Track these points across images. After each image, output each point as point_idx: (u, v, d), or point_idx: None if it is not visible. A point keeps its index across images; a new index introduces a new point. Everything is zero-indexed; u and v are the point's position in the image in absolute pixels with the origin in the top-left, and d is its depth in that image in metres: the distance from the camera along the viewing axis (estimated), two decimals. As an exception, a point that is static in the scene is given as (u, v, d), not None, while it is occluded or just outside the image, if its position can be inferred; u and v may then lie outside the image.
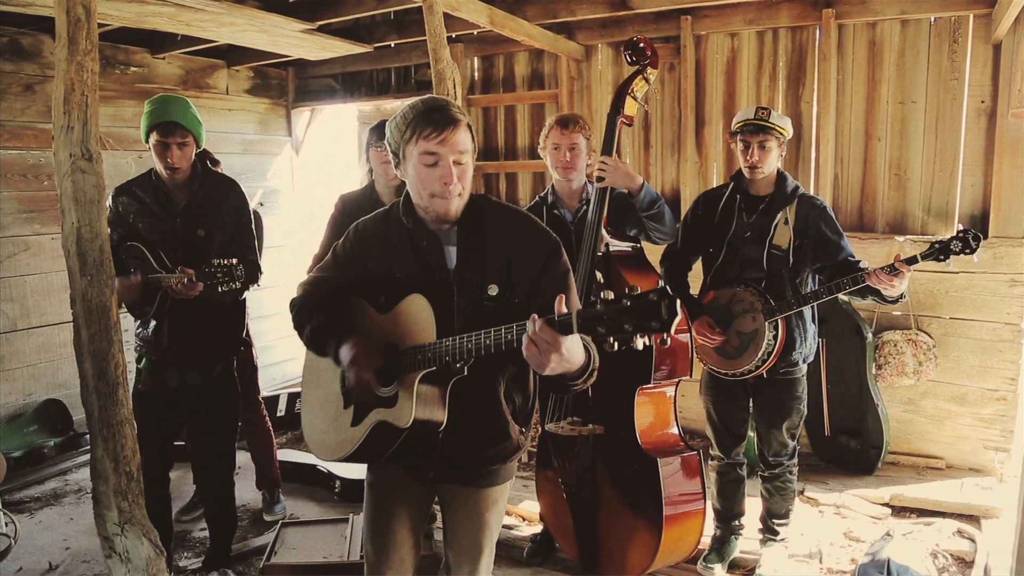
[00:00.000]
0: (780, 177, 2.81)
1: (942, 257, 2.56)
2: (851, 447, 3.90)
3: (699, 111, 4.42)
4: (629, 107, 2.75)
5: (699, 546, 2.87)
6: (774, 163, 2.77)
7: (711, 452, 3.05)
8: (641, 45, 2.72)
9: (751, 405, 2.93)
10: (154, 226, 2.73)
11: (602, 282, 2.74)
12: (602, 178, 2.67)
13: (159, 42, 4.74)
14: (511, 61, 5.05)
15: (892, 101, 3.95)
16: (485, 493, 1.89)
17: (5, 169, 4.18)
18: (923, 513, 3.42)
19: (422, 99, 1.71)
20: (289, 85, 5.83)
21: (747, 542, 3.08)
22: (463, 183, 1.70)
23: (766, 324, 2.70)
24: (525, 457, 3.76)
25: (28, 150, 4.27)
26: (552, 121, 2.80)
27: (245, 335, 3.07)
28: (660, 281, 2.76)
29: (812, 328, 2.84)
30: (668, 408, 2.80)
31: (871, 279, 2.53)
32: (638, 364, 2.64)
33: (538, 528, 3.24)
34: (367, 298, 1.84)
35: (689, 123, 4.41)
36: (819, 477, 3.83)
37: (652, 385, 2.69)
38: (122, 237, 2.71)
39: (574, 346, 1.46)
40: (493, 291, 1.72)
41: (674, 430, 2.81)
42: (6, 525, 3.35)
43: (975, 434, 3.82)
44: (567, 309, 1.39)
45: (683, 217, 3.07)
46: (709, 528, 2.95)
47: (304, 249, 3.01)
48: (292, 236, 5.75)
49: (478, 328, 1.59)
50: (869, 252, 3.76)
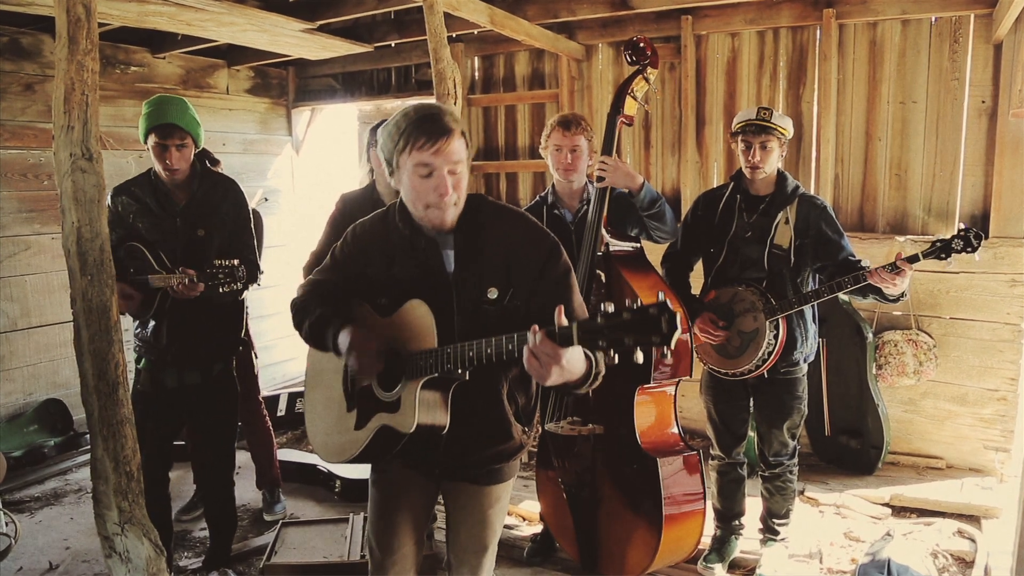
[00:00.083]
0: (780, 177, 2.81)
1: (944, 256, 2.55)
2: (851, 447, 3.90)
3: (700, 111, 4.42)
4: (629, 107, 2.75)
5: (699, 546, 2.87)
6: (775, 163, 2.77)
7: (711, 452, 3.05)
8: (641, 45, 2.72)
9: (751, 405, 2.93)
10: (154, 226, 2.73)
11: (603, 281, 2.74)
12: (602, 178, 2.67)
13: (159, 42, 4.74)
14: (511, 61, 5.05)
15: (893, 101, 3.95)
16: (488, 490, 1.89)
17: (5, 169, 4.18)
18: (923, 513, 3.42)
19: (414, 107, 1.68)
20: (289, 85, 5.83)
21: (747, 542, 3.08)
22: (458, 192, 1.68)
23: (767, 323, 2.70)
24: (525, 457, 3.76)
25: (28, 150, 4.27)
26: (554, 122, 2.80)
27: (244, 335, 3.06)
28: (660, 292, 2.76)
29: (813, 328, 2.84)
30: (668, 408, 2.80)
31: (873, 278, 2.53)
32: (638, 364, 2.63)
33: (538, 528, 3.24)
34: (367, 300, 1.84)
35: (690, 123, 4.41)
36: (819, 477, 3.83)
37: (652, 385, 2.69)
38: (121, 237, 2.71)
39: (575, 357, 1.46)
40: (493, 294, 1.72)
41: (674, 430, 2.81)
42: (6, 525, 3.35)
43: (975, 434, 3.82)
44: (567, 321, 1.39)
45: (683, 217, 3.07)
46: (709, 528, 2.94)
47: (304, 249, 3.01)
48: (292, 236, 5.75)
49: (479, 331, 1.58)
50: (870, 252, 3.76)
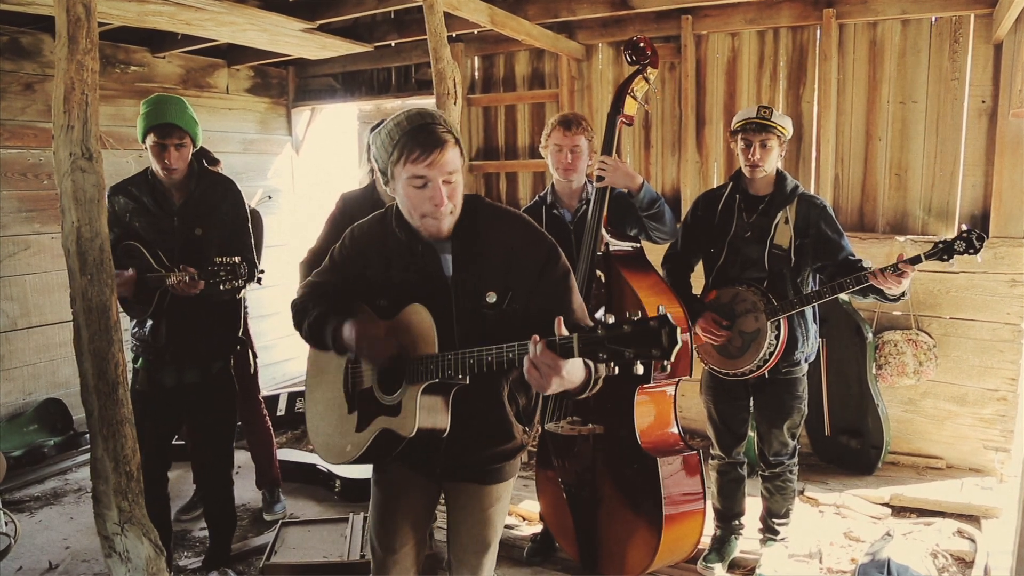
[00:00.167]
0: (779, 177, 2.81)
1: (946, 257, 2.55)
2: (851, 447, 3.90)
3: (700, 111, 4.42)
4: (629, 107, 2.75)
5: (699, 546, 2.87)
6: (775, 162, 2.77)
7: (711, 451, 3.05)
8: (641, 45, 2.72)
9: (751, 404, 2.93)
10: (151, 225, 2.72)
11: (603, 281, 2.74)
12: (602, 177, 2.67)
13: (159, 41, 4.74)
14: (512, 60, 5.05)
15: (893, 101, 3.95)
16: (489, 490, 1.89)
17: (5, 168, 4.17)
18: (923, 513, 3.42)
19: (407, 115, 1.64)
20: (289, 84, 5.83)
21: (747, 542, 3.08)
22: (454, 201, 1.67)
23: (768, 324, 2.69)
24: (526, 456, 3.76)
25: (28, 149, 4.27)
26: (554, 121, 2.80)
27: (241, 334, 3.05)
28: (660, 303, 2.73)
29: (814, 327, 2.84)
30: (668, 407, 2.80)
31: (875, 280, 2.52)
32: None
33: (538, 528, 3.24)
34: (366, 302, 1.83)
35: (690, 123, 4.41)
36: (819, 477, 3.83)
37: (652, 385, 2.69)
38: (118, 236, 2.70)
39: (575, 367, 1.46)
40: (491, 298, 1.71)
41: (674, 429, 2.80)
42: (6, 524, 3.35)
43: (975, 434, 3.82)
44: (568, 331, 1.39)
45: (683, 218, 3.06)
46: (709, 528, 2.94)
47: (304, 249, 3.01)
48: (292, 236, 5.75)
49: (479, 334, 1.59)
50: (870, 252, 3.76)
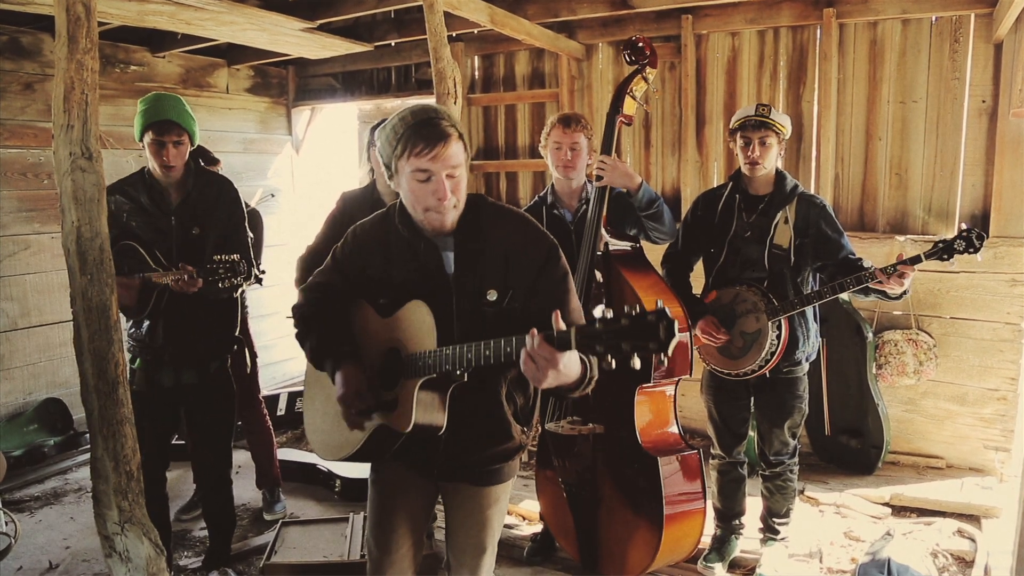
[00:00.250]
0: (779, 176, 2.81)
1: (946, 256, 2.55)
2: (851, 447, 3.90)
3: (700, 110, 4.42)
4: (628, 106, 2.75)
5: (699, 545, 2.87)
6: (774, 160, 2.77)
7: (712, 451, 3.05)
8: (640, 45, 2.72)
9: (752, 404, 2.93)
10: (148, 224, 2.71)
11: (602, 281, 2.74)
12: (601, 177, 2.67)
13: (159, 41, 4.74)
14: (512, 60, 5.04)
15: (893, 100, 3.95)
16: (487, 491, 1.89)
17: (5, 168, 4.17)
18: (923, 513, 3.42)
19: (411, 110, 1.66)
20: (289, 84, 5.83)
21: (747, 541, 3.08)
22: (457, 195, 1.68)
23: (769, 324, 2.69)
24: (525, 456, 3.77)
25: (28, 149, 4.27)
26: (554, 120, 2.80)
27: (240, 333, 3.04)
28: (660, 299, 2.75)
29: (814, 327, 2.84)
30: (668, 407, 2.80)
31: (875, 283, 2.52)
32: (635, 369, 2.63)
33: (538, 527, 3.24)
34: (368, 300, 1.83)
35: (690, 122, 4.41)
36: (819, 477, 3.83)
37: (652, 384, 2.68)
38: (115, 236, 2.68)
39: (571, 361, 1.46)
40: (492, 296, 1.72)
41: (674, 429, 2.80)
42: (6, 524, 3.35)
43: (975, 434, 3.82)
44: (564, 325, 1.40)
45: (683, 218, 3.06)
46: (709, 527, 2.94)
47: (303, 248, 3.00)
48: (292, 236, 5.75)
49: (478, 332, 1.59)
50: (870, 252, 3.76)
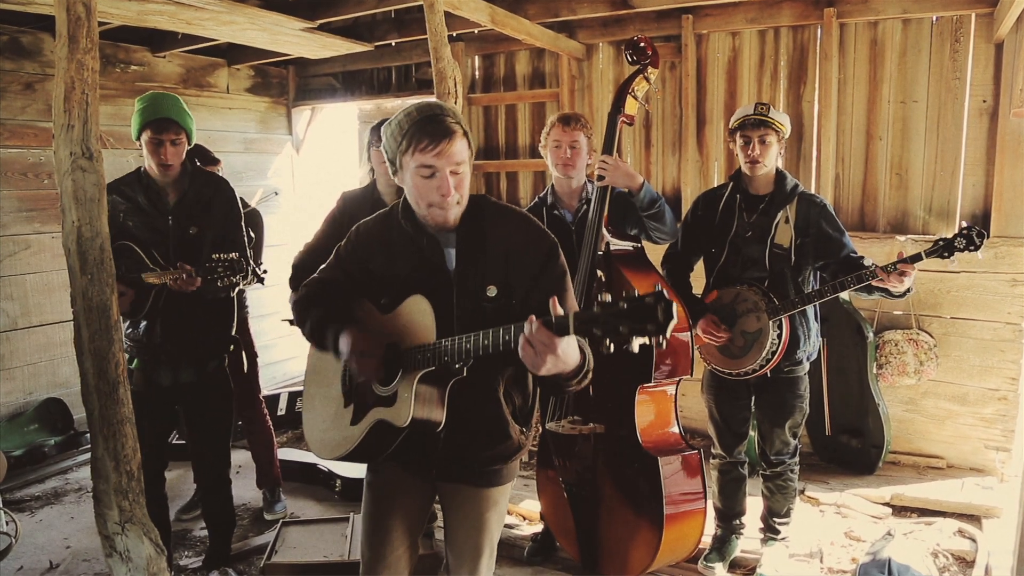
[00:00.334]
0: (779, 176, 2.81)
1: (947, 254, 2.55)
2: (852, 446, 3.90)
3: (700, 110, 4.42)
4: (630, 106, 2.75)
5: (700, 545, 2.87)
6: (774, 159, 2.77)
7: (713, 451, 3.05)
8: (642, 45, 2.72)
9: (753, 404, 2.93)
10: (144, 224, 2.71)
11: (603, 281, 2.74)
12: (603, 177, 2.67)
13: (159, 41, 4.74)
14: (512, 60, 5.04)
15: (894, 100, 3.95)
16: (486, 493, 1.88)
17: (5, 168, 4.17)
18: (924, 513, 3.42)
19: (416, 107, 1.68)
20: (290, 84, 5.83)
21: (748, 541, 3.08)
22: (460, 192, 1.69)
23: (770, 323, 2.69)
24: (526, 456, 3.77)
25: (28, 149, 4.27)
26: (554, 119, 2.81)
27: (236, 332, 3.02)
28: (659, 284, 2.76)
29: (815, 326, 2.84)
30: (669, 407, 2.80)
31: (877, 281, 2.51)
32: (639, 363, 2.63)
33: (539, 527, 3.24)
34: (369, 298, 1.84)
35: (690, 122, 4.41)
36: (820, 476, 3.83)
37: (653, 384, 2.68)
38: (112, 236, 2.68)
39: (569, 347, 1.46)
40: (492, 292, 1.73)
41: (675, 429, 2.80)
42: (7, 524, 3.35)
43: (976, 434, 3.82)
44: (563, 310, 1.40)
45: (683, 218, 3.06)
46: (710, 527, 2.94)
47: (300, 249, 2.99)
48: (292, 235, 5.75)
49: (478, 328, 1.59)
50: (870, 252, 3.75)
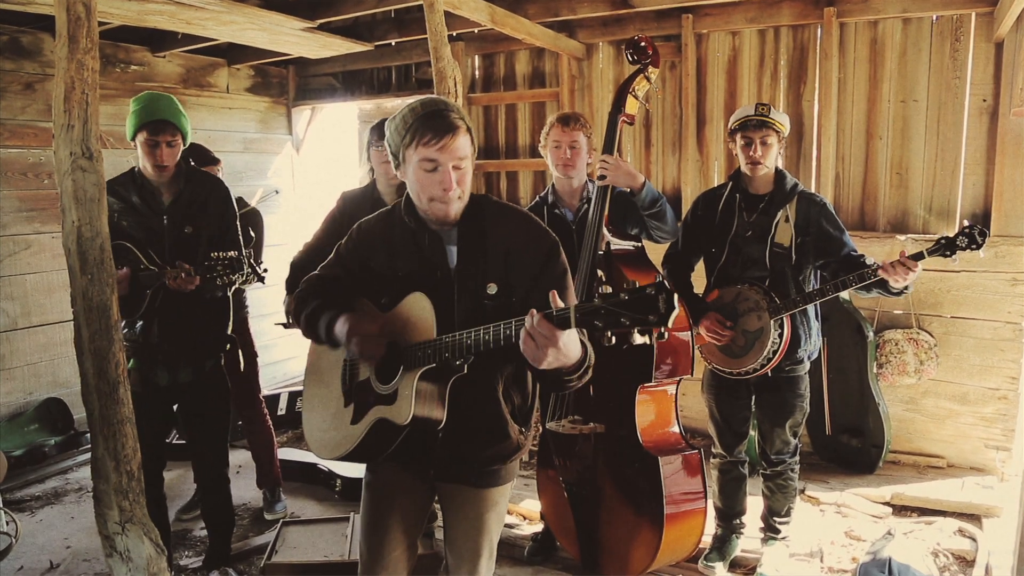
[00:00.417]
0: (779, 175, 2.81)
1: (948, 253, 2.54)
2: (852, 446, 3.90)
3: (700, 109, 4.42)
4: (630, 106, 2.75)
5: (700, 545, 2.87)
6: (774, 159, 2.78)
7: (713, 450, 3.05)
8: (642, 44, 2.72)
9: (753, 403, 2.93)
10: (140, 224, 2.70)
11: (603, 280, 2.74)
12: (604, 176, 2.67)
13: (159, 40, 4.74)
14: (512, 59, 5.04)
15: (894, 100, 3.95)
16: (485, 494, 1.88)
17: (5, 168, 4.17)
18: (924, 512, 3.42)
19: (421, 101, 1.70)
20: (290, 83, 5.82)
21: (748, 541, 3.08)
22: (462, 187, 1.71)
23: (772, 322, 2.69)
24: (526, 456, 3.77)
25: (28, 149, 4.27)
26: (553, 119, 2.81)
27: (232, 331, 3.01)
28: (657, 275, 2.76)
29: (816, 324, 2.84)
30: (669, 406, 2.80)
31: (883, 272, 2.49)
32: (639, 362, 2.64)
33: (539, 527, 3.24)
34: (369, 297, 1.84)
35: (690, 122, 4.41)
36: (820, 476, 3.83)
37: (653, 383, 2.68)
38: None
39: (571, 341, 1.46)
40: (492, 290, 1.73)
41: (675, 428, 2.80)
42: (7, 524, 3.35)
43: (976, 433, 3.81)
44: (563, 303, 1.40)
45: (683, 218, 3.06)
46: (710, 527, 2.94)
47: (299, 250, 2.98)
48: (292, 235, 5.75)
49: (478, 326, 1.58)
50: (871, 251, 3.73)
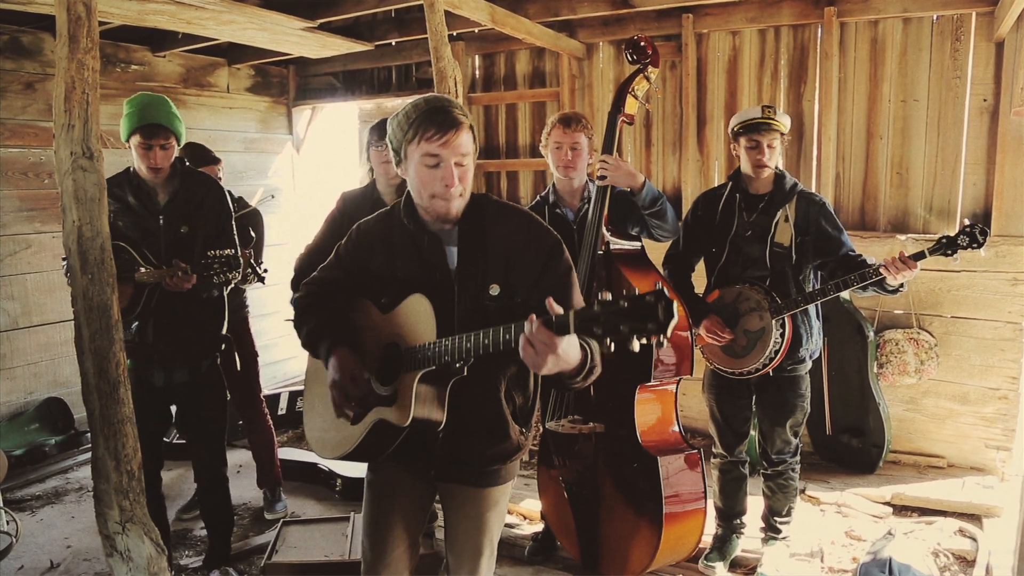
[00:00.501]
0: (778, 175, 2.81)
1: (949, 252, 2.54)
2: (853, 446, 3.90)
3: (701, 109, 4.42)
4: (630, 106, 2.75)
5: (700, 545, 2.87)
6: (776, 161, 2.78)
7: (713, 450, 3.05)
8: (642, 44, 2.72)
9: (754, 403, 2.93)
10: (136, 225, 2.71)
11: (604, 280, 2.74)
12: (604, 176, 2.67)
13: (160, 40, 4.74)
14: (512, 59, 5.04)
15: (894, 99, 3.95)
16: (486, 493, 1.88)
17: (6, 167, 4.17)
18: (925, 512, 3.42)
19: (424, 98, 1.70)
20: (290, 83, 5.83)
21: (749, 541, 3.08)
22: (464, 184, 1.70)
23: (773, 322, 2.69)
24: (526, 456, 3.77)
25: (29, 148, 4.27)
26: (554, 120, 2.80)
27: (228, 331, 3.01)
28: (659, 283, 2.76)
29: (817, 324, 2.84)
30: (669, 406, 2.80)
31: (884, 271, 2.49)
32: (639, 362, 2.63)
33: (539, 526, 3.24)
34: (370, 297, 1.84)
35: (691, 121, 4.41)
36: (820, 476, 3.83)
37: (653, 383, 2.68)
38: None
39: (570, 346, 1.46)
40: (494, 291, 1.72)
41: (675, 428, 2.81)
42: (7, 523, 3.35)
43: (977, 433, 3.81)
44: (563, 309, 1.39)
45: (683, 218, 3.06)
46: (710, 527, 2.94)
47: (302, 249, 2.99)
48: (293, 235, 5.75)
49: (479, 327, 1.58)
50: (871, 251, 3.75)
